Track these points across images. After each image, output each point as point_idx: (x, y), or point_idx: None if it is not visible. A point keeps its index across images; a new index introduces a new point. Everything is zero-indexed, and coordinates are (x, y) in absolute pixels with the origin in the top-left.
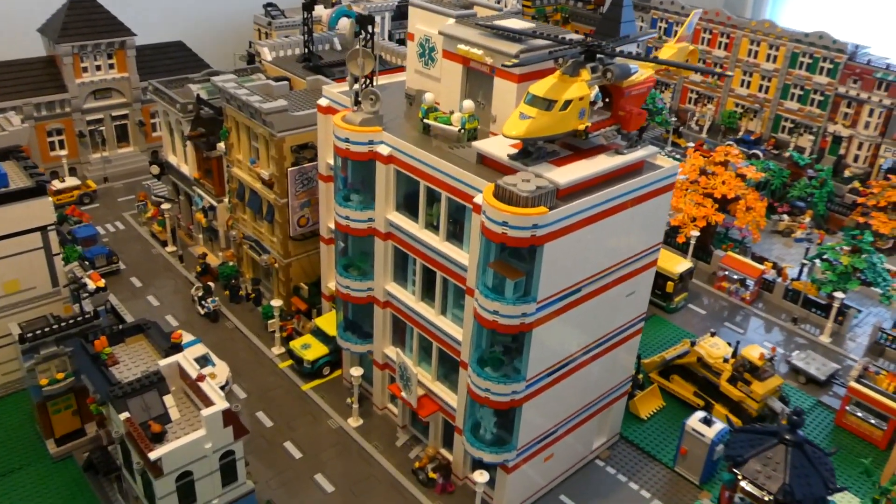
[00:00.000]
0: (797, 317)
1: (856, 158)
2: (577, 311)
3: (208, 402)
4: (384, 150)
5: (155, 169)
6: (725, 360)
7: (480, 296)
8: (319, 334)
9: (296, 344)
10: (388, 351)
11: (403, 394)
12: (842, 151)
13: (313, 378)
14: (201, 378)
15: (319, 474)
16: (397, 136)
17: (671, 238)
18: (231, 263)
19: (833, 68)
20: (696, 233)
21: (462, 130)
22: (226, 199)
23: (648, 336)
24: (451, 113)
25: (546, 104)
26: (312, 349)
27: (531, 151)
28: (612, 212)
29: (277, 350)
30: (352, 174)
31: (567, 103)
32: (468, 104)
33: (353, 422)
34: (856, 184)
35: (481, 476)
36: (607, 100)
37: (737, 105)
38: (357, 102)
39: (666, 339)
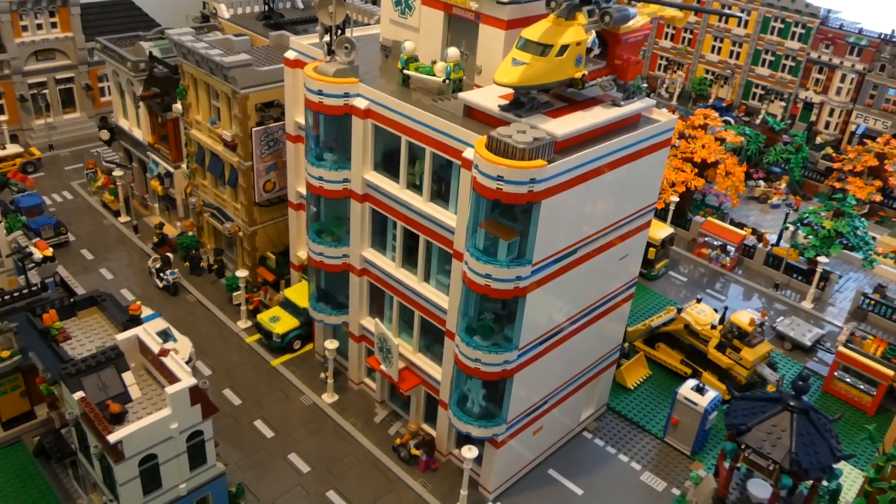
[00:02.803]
0: (778, 283)
1: (827, 125)
2: (571, 275)
3: (173, 379)
4: (361, 103)
5: (105, 134)
6: (713, 327)
7: (471, 259)
8: (289, 306)
9: (264, 317)
10: (366, 322)
11: (383, 367)
12: (813, 118)
13: (283, 353)
14: (164, 352)
15: (293, 454)
16: (378, 90)
17: None
18: (191, 233)
19: (805, 33)
20: (675, 198)
21: (447, 81)
22: (183, 165)
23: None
24: (433, 64)
25: (541, 49)
26: (282, 322)
27: (524, 102)
28: (610, 167)
29: (244, 324)
30: (325, 131)
31: (563, 48)
32: (453, 52)
33: (328, 398)
34: (828, 150)
35: (470, 452)
36: (603, 48)
37: (707, 71)
38: (330, 52)
39: (647, 307)
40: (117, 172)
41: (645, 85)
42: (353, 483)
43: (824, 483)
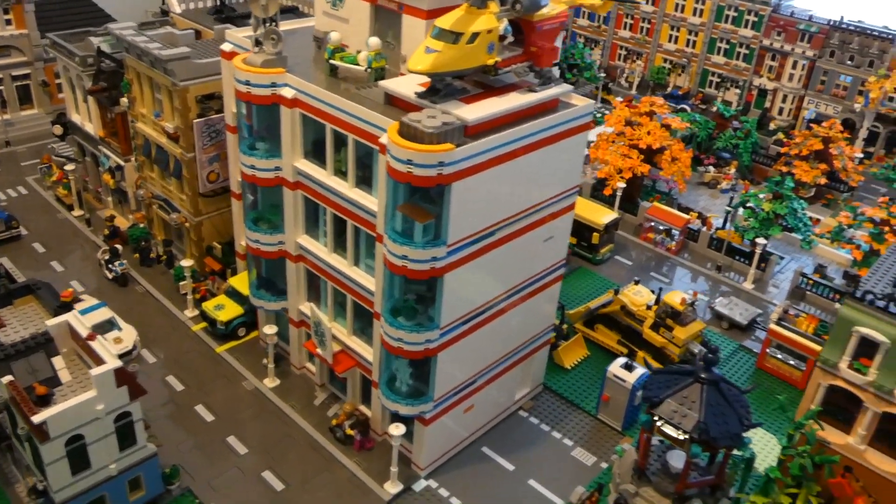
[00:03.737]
0: (721, 264)
1: (780, 111)
2: (491, 256)
3: (100, 363)
4: (288, 92)
5: (58, 129)
6: (648, 308)
7: (389, 241)
8: (234, 295)
9: (209, 305)
10: (303, 307)
11: (319, 350)
12: (767, 104)
13: (228, 340)
14: (92, 337)
15: (233, 436)
16: (304, 79)
17: (598, 191)
18: (141, 225)
19: (758, 21)
20: (622, 184)
21: (369, 70)
22: (133, 158)
23: (575, 287)
24: (358, 53)
25: (452, 37)
26: (226, 310)
27: (439, 89)
28: (525, 151)
29: (190, 313)
30: (257, 120)
31: (474, 36)
32: (374, 41)
33: (270, 382)
34: (780, 135)
35: (397, 429)
36: (518, 35)
37: (665, 60)
38: (258, 44)
39: (592, 290)
40: (69, 167)
41: (604, 75)
42: (288, 463)
43: (738, 452)
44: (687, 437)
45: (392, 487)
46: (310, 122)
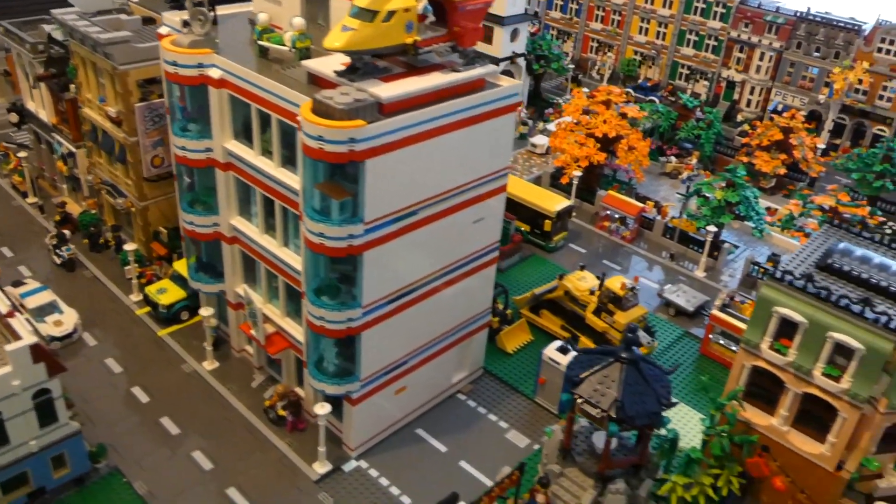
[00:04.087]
0: (674, 253)
1: (748, 103)
2: (415, 236)
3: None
4: (215, 73)
5: (14, 117)
6: (592, 293)
7: (307, 219)
8: (178, 279)
9: (151, 289)
10: (240, 289)
11: (253, 332)
12: (736, 97)
13: (171, 324)
14: (11, 314)
15: (167, 417)
16: (238, 61)
17: (556, 180)
18: (93, 212)
19: (726, 12)
20: (578, 173)
21: (293, 50)
22: (84, 144)
23: (526, 274)
24: (286, 33)
25: (369, 15)
26: (168, 294)
27: (358, 67)
28: (446, 130)
29: (135, 297)
30: (190, 102)
31: (390, 14)
32: (298, 21)
33: (209, 365)
34: (745, 126)
35: (322, 408)
36: (442, 15)
37: (636, 53)
38: (186, 24)
39: (544, 278)
40: (22, 154)
41: (573, 66)
42: (220, 444)
43: (663, 433)
44: (604, 415)
45: (320, 467)
46: (238, 103)
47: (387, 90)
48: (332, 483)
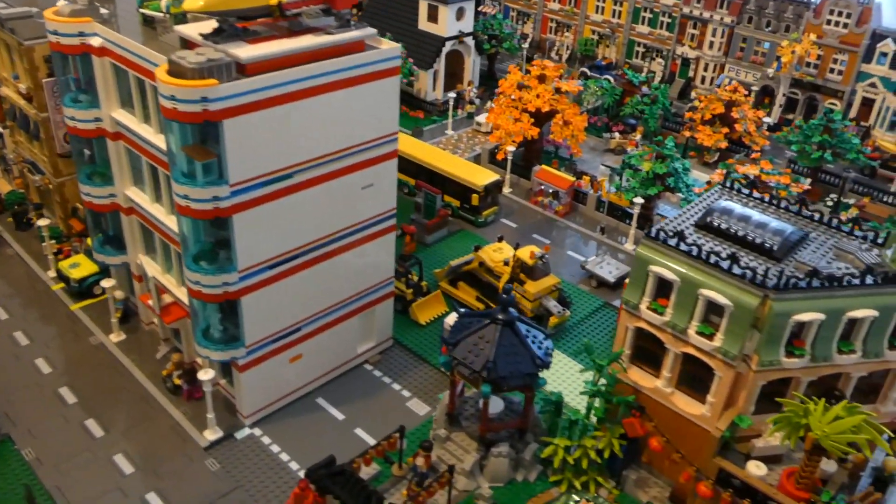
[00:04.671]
0: (604, 226)
1: (703, 80)
2: (293, 200)
3: None
4: (96, 41)
5: None
6: (506, 264)
7: (174, 182)
8: (92, 254)
9: (64, 264)
10: (141, 260)
11: (150, 301)
12: (691, 74)
13: (84, 298)
14: None
15: (65, 388)
16: (126, 30)
17: (492, 157)
18: (20, 191)
19: None
20: (511, 148)
21: (167, 15)
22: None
23: (454, 249)
24: (160, 1)
25: None
26: (80, 268)
27: (224, 29)
28: (317, 91)
29: (52, 273)
30: (81, 72)
31: None
32: None
33: (115, 337)
34: (696, 102)
35: (205, 374)
36: None
37: (593, 32)
38: None
39: (470, 252)
40: None
41: (526, 46)
42: (115, 412)
43: (550, 396)
44: (476, 375)
45: (211, 434)
46: (120, 71)
47: (247, 51)
48: (222, 450)
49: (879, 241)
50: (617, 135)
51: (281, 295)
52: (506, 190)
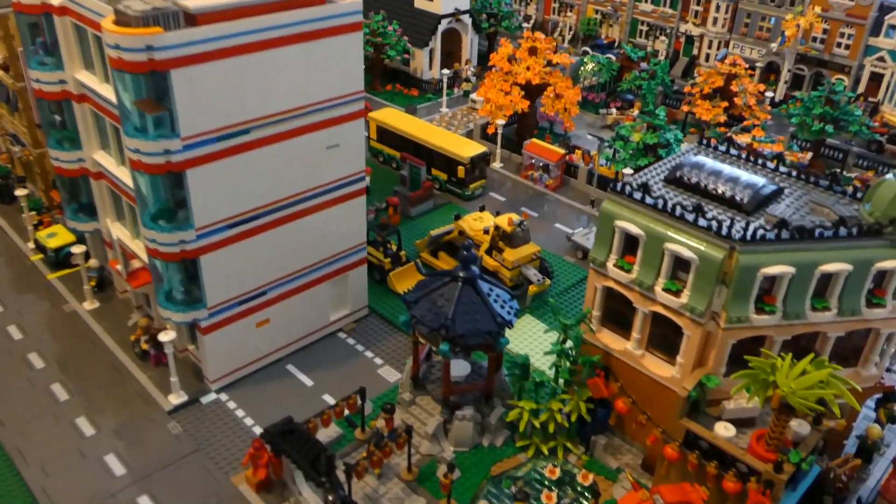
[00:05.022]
0: (594, 199)
1: (707, 57)
2: (252, 156)
3: None
4: (56, 0)
5: None
6: (486, 232)
7: (124, 136)
8: None
9: (42, 234)
10: (110, 226)
11: (118, 267)
12: (695, 52)
13: (61, 268)
14: None
15: (34, 353)
16: None
17: (484, 132)
18: (7, 165)
19: None
20: (501, 121)
21: None
22: None
23: (438, 222)
24: None
25: None
26: (57, 238)
27: None
28: (273, 44)
29: (32, 244)
30: (48, 34)
31: None
32: None
33: (88, 305)
34: (696, 78)
35: (167, 336)
36: None
37: (596, 12)
38: None
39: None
40: None
41: (527, 25)
42: (81, 377)
43: (515, 360)
44: (435, 333)
45: (175, 398)
46: (81, 30)
47: (197, 1)
48: (186, 414)
49: (859, 195)
50: (614, 111)
51: (242, 256)
52: (496, 165)
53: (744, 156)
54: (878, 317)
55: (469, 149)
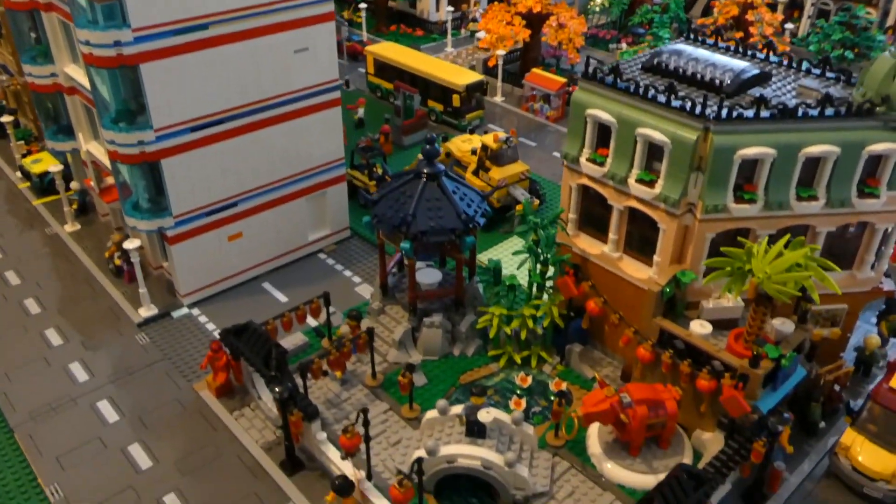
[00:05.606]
0: None
1: None
2: (212, 54)
3: None
4: None
5: None
6: (473, 153)
7: (76, 29)
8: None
9: (27, 160)
10: (85, 144)
11: (92, 183)
12: None
13: (47, 194)
14: None
15: (11, 271)
16: None
17: (486, 66)
18: (3, 102)
19: None
20: (502, 52)
21: None
22: None
23: None
24: None
25: None
26: (42, 163)
27: None
28: None
29: (18, 172)
30: None
31: None
32: None
33: (69, 227)
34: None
35: (131, 243)
36: None
37: None
38: None
39: None
40: None
41: None
42: (54, 292)
43: (488, 267)
44: (395, 231)
45: (145, 311)
46: None
47: None
48: (156, 327)
49: (853, 81)
50: (625, 46)
51: (207, 162)
52: (498, 99)
53: (732, 48)
54: (871, 209)
55: (464, 77)
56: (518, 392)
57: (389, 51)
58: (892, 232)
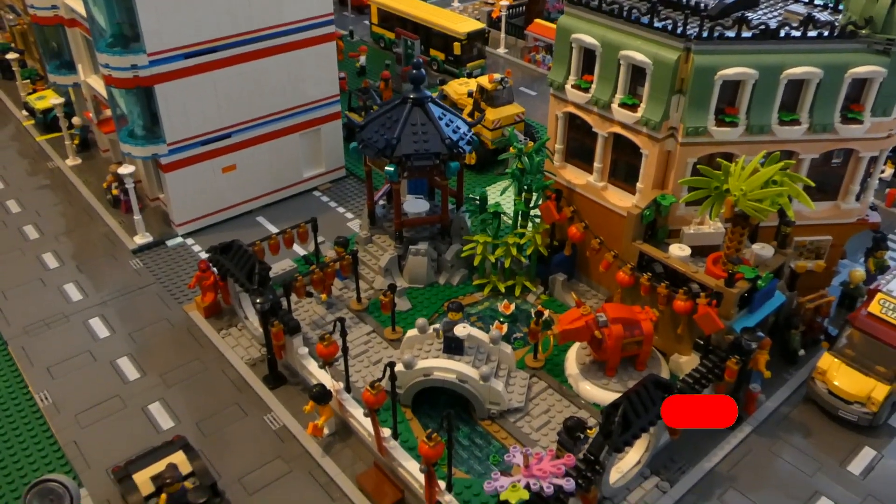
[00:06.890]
0: None
1: None
2: None
3: None
4: None
5: None
6: (469, 96)
7: None
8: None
9: (31, 97)
10: (87, 79)
11: (91, 115)
12: None
13: (51, 131)
14: None
15: (12, 200)
16: None
17: (490, 19)
18: (11, 44)
19: None
20: (506, 2)
21: None
22: None
23: None
24: None
25: None
26: (45, 100)
27: None
28: None
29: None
30: None
31: None
32: None
33: (70, 161)
34: None
35: (125, 169)
36: None
37: None
38: None
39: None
40: None
41: None
42: (52, 220)
43: (475, 202)
44: (379, 155)
45: (140, 239)
46: None
47: None
48: (150, 253)
49: (840, 9)
50: None
51: (201, 91)
52: (501, 51)
53: None
54: (854, 135)
55: (465, 25)
56: (501, 318)
57: None
58: (877, 161)
